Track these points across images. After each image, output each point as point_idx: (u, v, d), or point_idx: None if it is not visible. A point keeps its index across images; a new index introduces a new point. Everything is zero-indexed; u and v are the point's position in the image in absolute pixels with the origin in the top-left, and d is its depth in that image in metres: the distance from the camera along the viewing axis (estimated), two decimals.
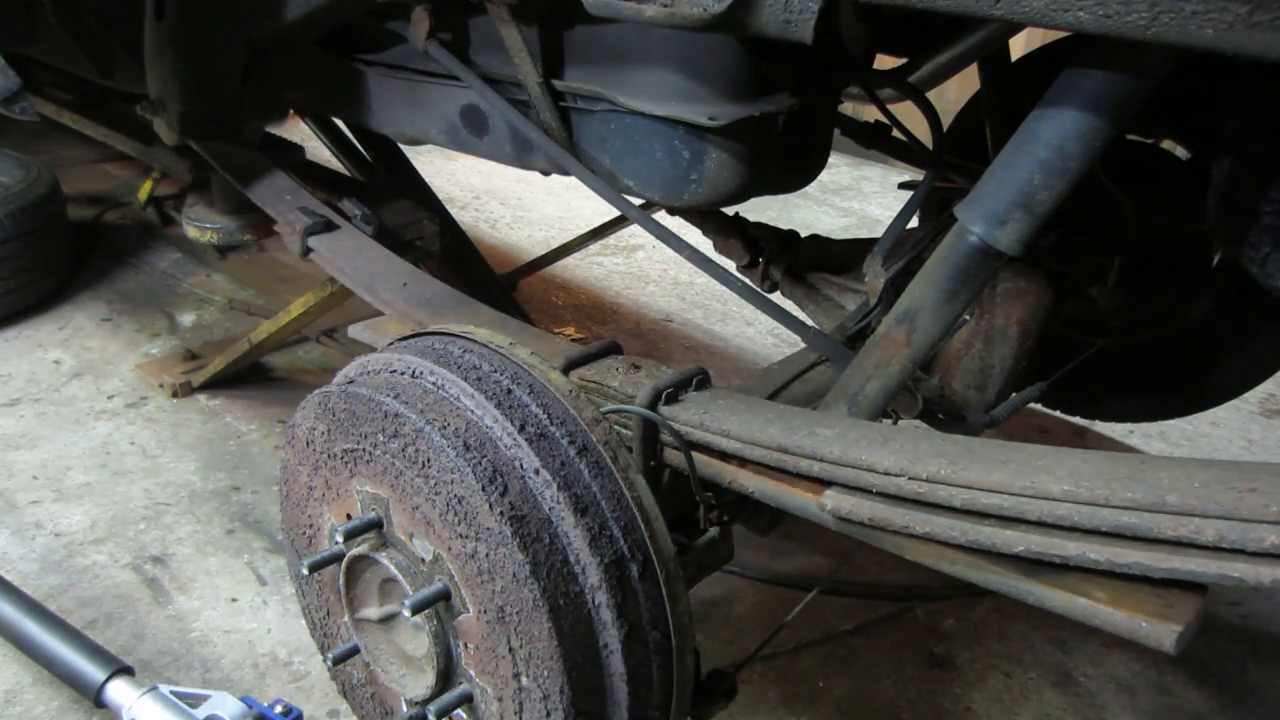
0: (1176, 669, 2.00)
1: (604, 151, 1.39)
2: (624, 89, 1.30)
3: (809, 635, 1.99)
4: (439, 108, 1.56)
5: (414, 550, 1.06)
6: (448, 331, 1.16)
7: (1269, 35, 0.71)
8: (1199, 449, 2.76)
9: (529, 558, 0.95)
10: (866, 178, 4.92)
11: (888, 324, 1.13)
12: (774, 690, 1.89)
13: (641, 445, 1.14)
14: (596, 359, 1.29)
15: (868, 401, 1.15)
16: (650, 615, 1.03)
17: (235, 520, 2.18)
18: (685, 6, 0.96)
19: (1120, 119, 0.93)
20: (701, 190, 1.33)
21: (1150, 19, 0.75)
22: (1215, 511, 0.77)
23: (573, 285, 3.57)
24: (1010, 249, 1.02)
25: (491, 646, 1.03)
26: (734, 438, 1.07)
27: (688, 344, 3.24)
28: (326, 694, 1.77)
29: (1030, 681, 1.96)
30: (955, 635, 2.06)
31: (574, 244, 2.14)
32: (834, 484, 0.99)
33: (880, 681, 1.93)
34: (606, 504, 1.02)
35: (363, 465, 1.09)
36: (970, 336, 1.39)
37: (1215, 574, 0.78)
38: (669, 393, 1.17)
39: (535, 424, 1.03)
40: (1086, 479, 0.84)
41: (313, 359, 2.81)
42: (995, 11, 0.81)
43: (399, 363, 1.11)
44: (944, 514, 0.91)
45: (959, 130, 1.89)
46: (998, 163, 1.01)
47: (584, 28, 1.30)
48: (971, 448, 0.94)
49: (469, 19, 1.43)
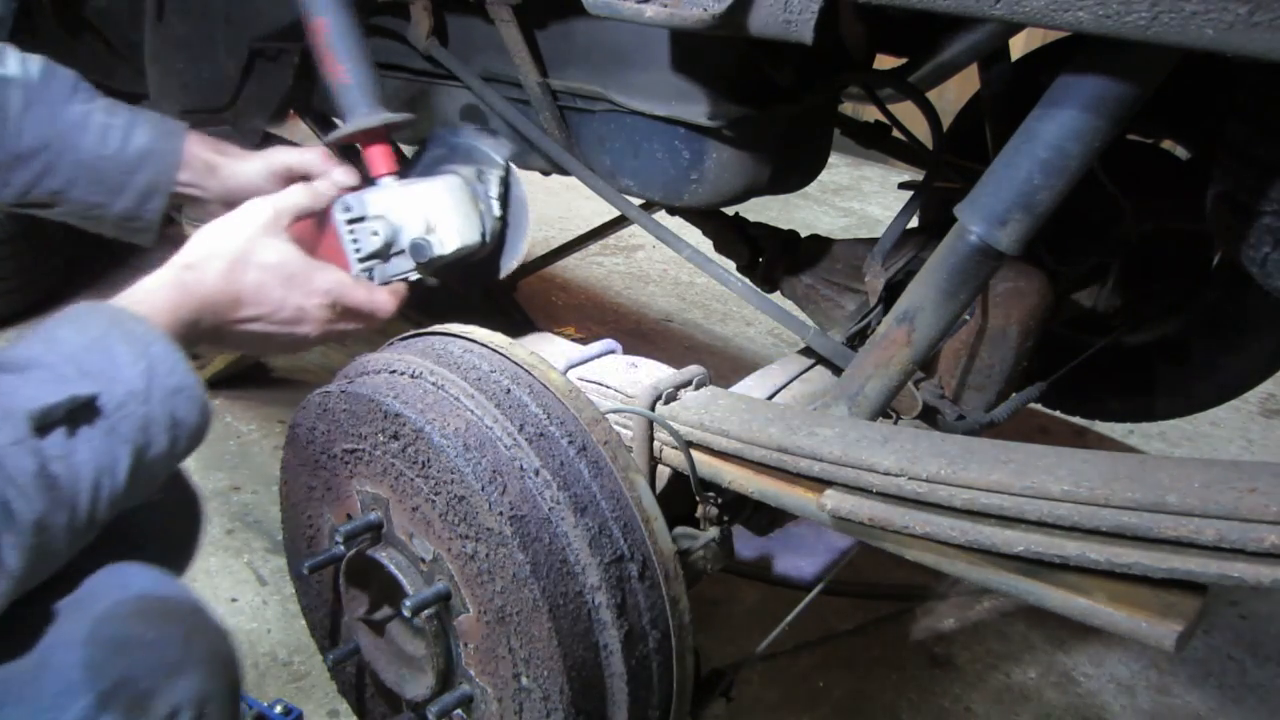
0: (1176, 669, 2.00)
1: (604, 151, 1.39)
2: (624, 89, 1.30)
3: (809, 635, 1.99)
4: (439, 107, 1.56)
5: (414, 550, 1.06)
6: (448, 331, 1.16)
7: (1269, 35, 0.71)
8: (1199, 449, 2.76)
9: (529, 558, 0.95)
10: (866, 178, 4.92)
11: (888, 324, 1.13)
12: (774, 690, 1.89)
13: (641, 445, 1.14)
14: (596, 359, 1.29)
15: (868, 401, 1.15)
16: (650, 615, 1.03)
17: (235, 520, 2.18)
18: (685, 7, 0.96)
19: (1120, 119, 0.93)
20: (702, 190, 1.33)
21: (1150, 19, 0.75)
22: (1215, 511, 0.77)
23: (573, 285, 3.57)
24: (1010, 249, 1.02)
25: (491, 647, 1.03)
26: (734, 438, 1.07)
27: (688, 344, 3.24)
28: (326, 694, 1.77)
29: (1030, 681, 1.96)
30: (955, 635, 2.06)
31: (574, 244, 2.14)
32: (834, 484, 0.99)
33: (880, 681, 1.93)
34: (606, 504, 1.02)
35: (363, 465, 1.09)
36: (970, 336, 1.39)
37: (1215, 574, 0.78)
38: (668, 393, 1.17)
39: (535, 424, 1.03)
40: (1086, 479, 0.84)
41: (313, 359, 2.80)
42: (995, 11, 0.81)
43: (399, 363, 1.11)
44: (944, 514, 0.91)
45: (959, 130, 1.89)
46: (998, 163, 1.01)
47: (584, 28, 1.30)
48: (971, 448, 0.94)
49: (469, 19, 1.43)
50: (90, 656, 0.85)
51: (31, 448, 0.81)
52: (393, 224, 1.25)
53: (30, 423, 0.82)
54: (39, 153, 1.25)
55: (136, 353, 0.91)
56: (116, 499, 0.89)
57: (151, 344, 0.93)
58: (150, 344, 0.93)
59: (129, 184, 1.30)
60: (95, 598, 0.90)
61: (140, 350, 0.92)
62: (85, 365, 0.88)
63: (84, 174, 1.28)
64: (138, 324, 0.94)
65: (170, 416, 0.92)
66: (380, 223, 1.23)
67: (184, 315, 1.02)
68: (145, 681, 0.86)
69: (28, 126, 1.25)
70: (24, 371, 0.85)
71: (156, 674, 0.87)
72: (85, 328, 0.92)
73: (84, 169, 1.28)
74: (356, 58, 1.21)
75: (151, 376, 0.91)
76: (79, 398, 0.85)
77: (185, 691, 0.88)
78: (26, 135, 1.25)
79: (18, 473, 0.80)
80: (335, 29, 1.19)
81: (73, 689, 0.83)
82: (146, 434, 0.90)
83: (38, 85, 1.25)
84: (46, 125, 1.25)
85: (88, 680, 0.83)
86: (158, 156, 1.31)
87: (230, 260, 1.08)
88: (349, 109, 1.22)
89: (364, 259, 1.24)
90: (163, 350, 0.93)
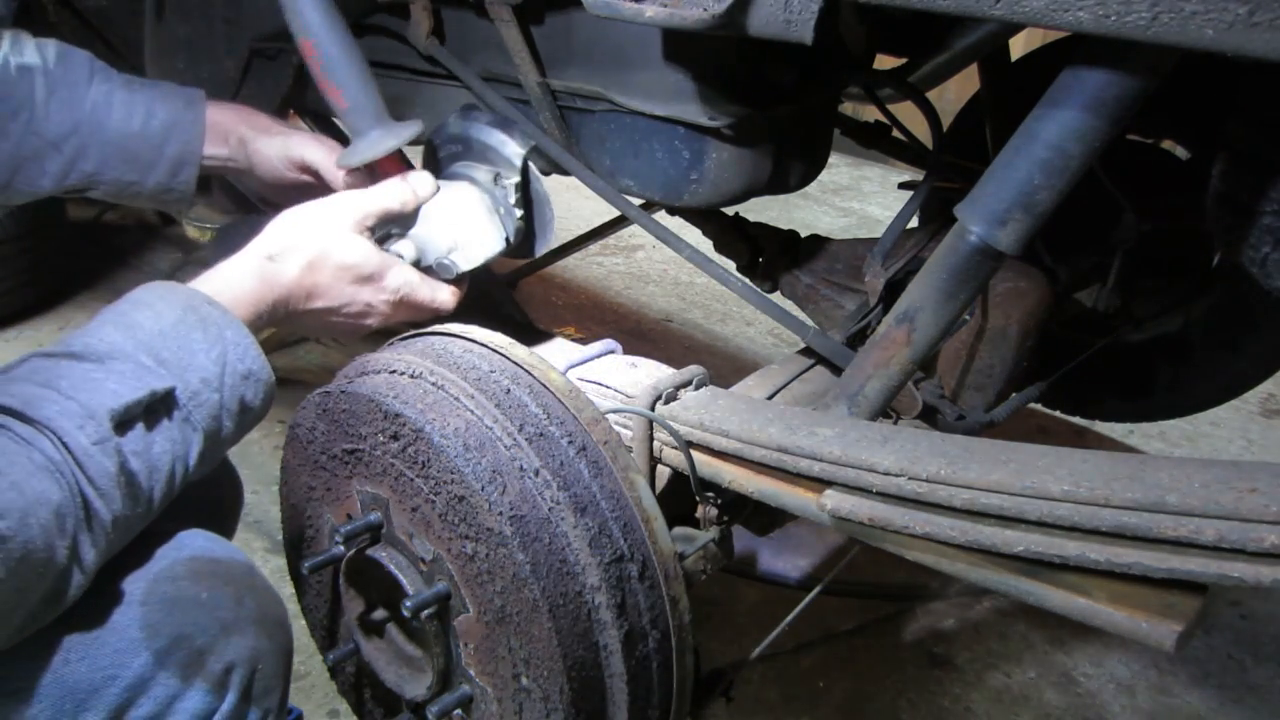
0: (1176, 669, 2.00)
1: (604, 151, 1.39)
2: (624, 89, 1.30)
3: (809, 635, 1.99)
4: (439, 107, 1.56)
5: (414, 551, 1.06)
6: (448, 331, 1.16)
7: (1269, 35, 0.71)
8: (1199, 449, 2.76)
9: (529, 558, 0.95)
10: (866, 178, 4.92)
11: (888, 324, 1.13)
12: (774, 690, 1.89)
13: (641, 445, 1.14)
14: (596, 359, 1.29)
15: (868, 401, 1.15)
16: (650, 615, 1.03)
17: None
18: (685, 7, 0.96)
19: (1120, 119, 0.93)
20: (702, 190, 1.33)
21: (1150, 19, 0.75)
22: (1215, 511, 0.77)
23: (573, 285, 3.57)
24: (1010, 249, 1.02)
25: (491, 647, 1.03)
26: (733, 438, 1.07)
27: (688, 344, 3.24)
28: (326, 694, 1.77)
29: (1030, 681, 1.96)
30: (955, 635, 2.06)
31: (574, 244, 2.14)
32: (834, 484, 0.99)
33: (880, 681, 1.93)
34: (606, 504, 1.02)
35: (362, 465, 1.09)
36: (970, 336, 1.39)
37: (1215, 574, 0.78)
38: (668, 393, 1.17)
39: (535, 424, 1.03)
40: (1086, 479, 0.84)
41: (313, 359, 2.81)
42: (995, 11, 0.81)
43: (399, 363, 1.11)
44: (944, 514, 0.91)
45: (959, 130, 1.89)
46: (997, 163, 1.01)
47: (584, 28, 1.30)
48: (971, 448, 0.94)
49: (468, 18, 1.43)
50: (146, 616, 0.87)
51: (113, 448, 0.83)
52: (417, 241, 1.27)
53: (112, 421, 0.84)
54: (68, 138, 1.28)
55: (211, 339, 0.94)
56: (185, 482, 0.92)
57: (225, 329, 0.96)
58: (224, 329, 0.96)
59: (159, 158, 1.33)
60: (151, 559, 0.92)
61: (215, 336, 0.94)
62: (162, 353, 0.90)
63: (114, 153, 1.31)
64: (213, 309, 0.97)
65: (239, 402, 0.96)
66: (405, 243, 1.26)
67: (262, 308, 1.06)
68: (200, 639, 0.89)
69: (54, 113, 1.27)
70: (104, 362, 0.87)
71: (211, 632, 0.90)
72: (161, 313, 0.93)
73: (114, 148, 1.31)
74: (353, 77, 1.18)
75: (224, 363, 0.94)
76: (157, 392, 0.88)
77: (239, 649, 0.91)
78: (54, 121, 1.27)
79: (99, 475, 0.82)
80: (326, 50, 1.16)
81: (132, 646, 0.85)
82: (218, 421, 0.94)
83: (56, 70, 1.27)
84: (71, 109, 1.27)
85: (145, 639, 0.86)
86: (182, 127, 1.34)
87: (312, 255, 1.12)
88: (353, 132, 1.22)
89: None
90: (236, 335, 0.96)
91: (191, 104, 1.35)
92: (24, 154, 1.26)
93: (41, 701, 0.82)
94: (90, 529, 0.82)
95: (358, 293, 1.16)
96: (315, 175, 1.34)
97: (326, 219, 1.15)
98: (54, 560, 0.78)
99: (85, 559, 0.82)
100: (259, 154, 1.36)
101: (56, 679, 0.83)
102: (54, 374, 0.85)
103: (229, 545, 0.99)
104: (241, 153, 1.37)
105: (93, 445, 0.82)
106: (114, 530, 0.84)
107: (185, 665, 0.87)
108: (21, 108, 1.24)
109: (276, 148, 1.35)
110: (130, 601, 0.88)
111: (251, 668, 0.92)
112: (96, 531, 0.82)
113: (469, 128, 1.37)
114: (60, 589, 0.81)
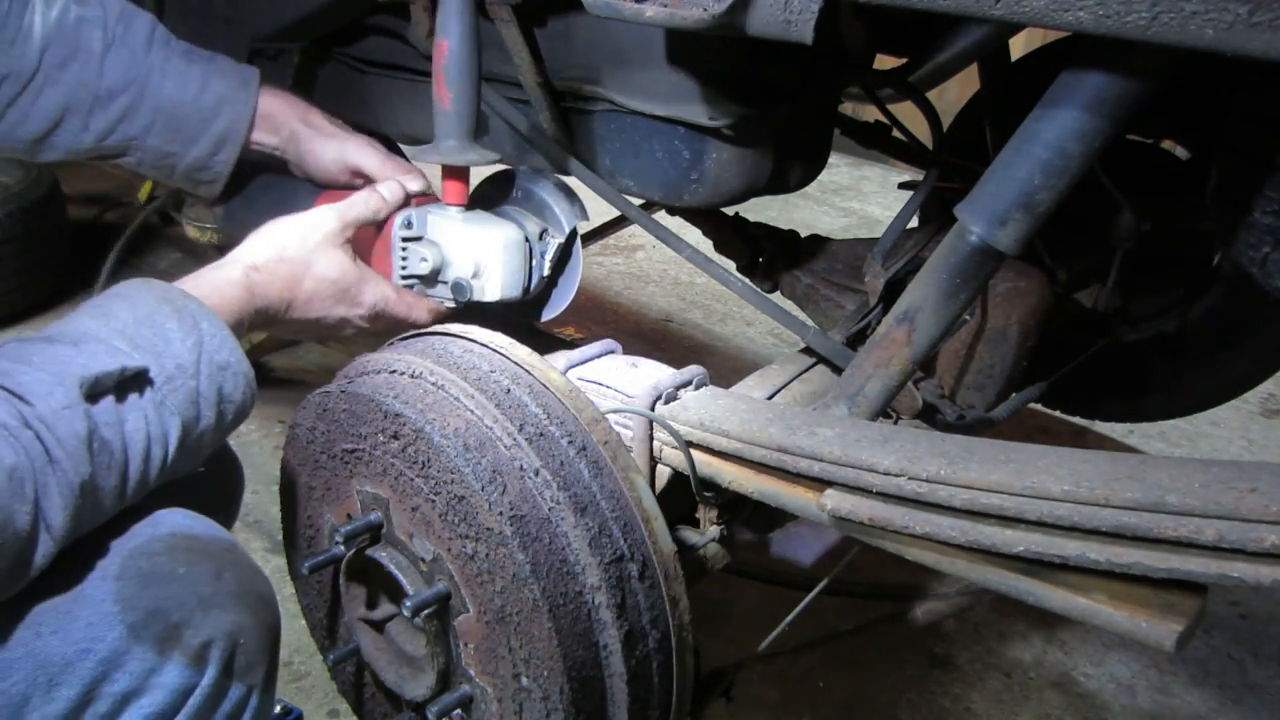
0: (1176, 669, 2.00)
1: (604, 151, 1.39)
2: (624, 89, 1.30)
3: (809, 635, 1.99)
4: None
5: (414, 550, 1.06)
6: (447, 332, 1.16)
7: (1269, 35, 0.71)
8: (1199, 449, 2.76)
9: (529, 558, 0.95)
10: (866, 178, 4.92)
11: (888, 324, 1.13)
12: (774, 690, 1.89)
13: (641, 445, 1.14)
14: (596, 359, 1.29)
15: (868, 401, 1.15)
16: (650, 615, 1.03)
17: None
18: (685, 7, 0.96)
19: (1120, 119, 0.93)
20: (701, 190, 1.33)
21: (1150, 19, 0.75)
22: (1215, 511, 0.77)
23: None
24: (1010, 249, 1.02)
25: (491, 647, 1.03)
26: (733, 438, 1.07)
27: (688, 344, 3.24)
28: (326, 694, 1.77)
29: (1030, 681, 1.96)
30: (955, 635, 2.06)
31: None
32: (834, 484, 0.99)
33: (880, 681, 1.93)
34: (606, 504, 1.02)
35: (363, 465, 1.09)
36: (970, 336, 1.39)
37: (1215, 574, 0.78)
38: (668, 393, 1.17)
39: (535, 424, 1.04)
40: (1086, 479, 0.84)
41: (313, 359, 2.81)
42: (995, 11, 0.81)
43: (399, 363, 1.11)
44: (944, 514, 0.91)
45: (959, 130, 1.89)
46: (998, 163, 1.01)
47: (584, 28, 1.30)
48: (971, 448, 0.94)
49: None
50: (121, 590, 0.87)
51: (82, 412, 0.84)
52: (444, 255, 1.29)
53: (81, 389, 0.84)
54: (118, 95, 1.27)
55: (186, 328, 0.94)
56: (166, 468, 0.92)
57: (201, 320, 0.96)
58: (200, 320, 0.96)
59: (204, 132, 1.33)
60: (127, 535, 0.92)
61: (190, 326, 0.95)
62: (137, 339, 0.91)
63: (162, 120, 1.31)
64: (189, 301, 0.97)
65: (217, 392, 0.96)
66: (433, 250, 1.28)
67: (244, 315, 1.08)
68: (176, 614, 0.88)
69: (109, 68, 1.26)
70: (78, 344, 0.88)
71: (187, 606, 0.89)
72: (137, 303, 0.95)
73: (163, 115, 1.30)
74: (465, 89, 1.21)
75: (200, 352, 0.94)
76: (129, 368, 0.88)
77: (217, 625, 0.90)
78: (108, 75, 1.26)
79: (67, 436, 0.82)
80: (455, 55, 1.20)
81: (106, 620, 0.85)
82: (195, 407, 0.94)
83: (116, 28, 1.28)
84: (128, 67, 1.27)
85: (119, 612, 0.86)
86: (233, 105, 1.33)
87: (294, 267, 1.14)
88: (441, 134, 1.24)
89: (406, 277, 1.29)
90: (212, 327, 0.97)
91: (246, 83, 1.35)
92: (72, 104, 1.26)
93: (14, 674, 0.82)
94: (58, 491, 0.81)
95: (334, 308, 1.19)
96: (365, 178, 1.36)
97: (310, 231, 1.17)
98: (13, 524, 0.78)
99: (53, 523, 0.81)
100: (312, 154, 1.37)
101: (29, 652, 0.83)
102: (26, 352, 0.86)
103: (209, 522, 0.98)
104: (293, 148, 1.38)
105: (62, 409, 0.82)
106: (83, 496, 0.83)
107: (161, 639, 0.87)
108: (74, 57, 1.24)
109: (333, 152, 1.36)
110: (105, 576, 0.88)
111: (232, 642, 0.91)
112: (65, 493, 0.82)
113: (537, 181, 1.40)
114: (25, 556, 0.80)
